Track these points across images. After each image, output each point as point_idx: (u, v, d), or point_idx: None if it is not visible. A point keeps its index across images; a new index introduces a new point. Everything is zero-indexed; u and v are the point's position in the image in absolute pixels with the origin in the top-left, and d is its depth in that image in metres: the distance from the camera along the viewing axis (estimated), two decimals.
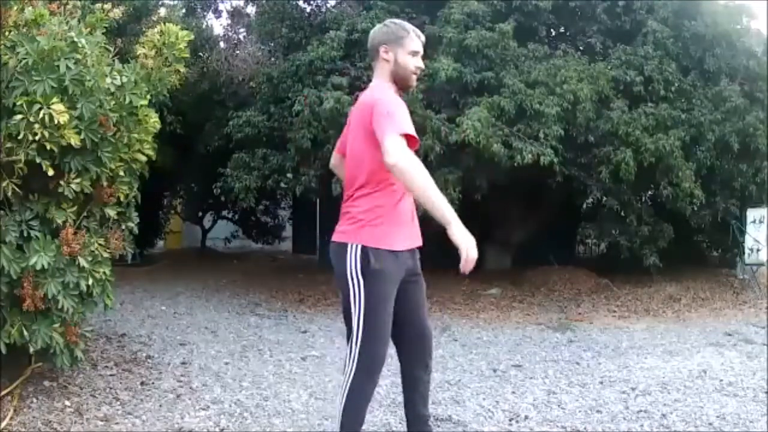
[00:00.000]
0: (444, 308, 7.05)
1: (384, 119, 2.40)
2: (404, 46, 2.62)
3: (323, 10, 9.12)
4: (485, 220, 8.70)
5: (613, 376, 4.41)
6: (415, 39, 2.63)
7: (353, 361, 2.50)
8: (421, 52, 2.66)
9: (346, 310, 2.54)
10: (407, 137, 2.39)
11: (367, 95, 2.60)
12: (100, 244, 3.43)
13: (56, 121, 3.00)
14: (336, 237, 2.56)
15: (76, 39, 3.18)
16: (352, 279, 2.48)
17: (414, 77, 2.66)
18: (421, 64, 2.67)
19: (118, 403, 3.60)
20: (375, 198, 2.50)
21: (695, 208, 7.44)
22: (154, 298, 7.49)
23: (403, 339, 2.67)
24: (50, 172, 3.13)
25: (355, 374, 2.50)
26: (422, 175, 2.34)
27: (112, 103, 3.36)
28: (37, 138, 3.00)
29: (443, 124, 6.74)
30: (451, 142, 6.64)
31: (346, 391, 2.51)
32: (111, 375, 4.07)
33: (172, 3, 9.16)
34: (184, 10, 9.34)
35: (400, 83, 2.64)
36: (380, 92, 2.56)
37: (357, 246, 2.48)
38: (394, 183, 2.49)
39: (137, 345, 5.00)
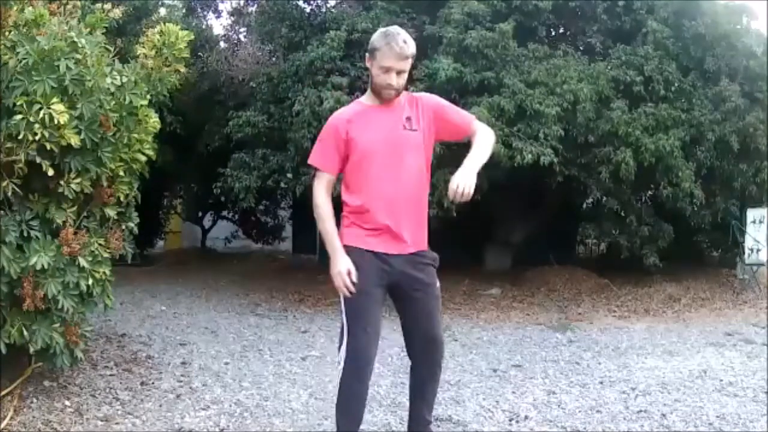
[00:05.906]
0: (444, 308, 6.96)
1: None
2: (376, 59, 2.54)
3: (323, 10, 9.09)
4: (485, 220, 8.70)
5: (613, 376, 4.41)
6: (387, 54, 2.48)
7: (341, 359, 2.57)
8: (396, 67, 2.50)
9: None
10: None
11: None
12: (100, 244, 3.43)
13: (56, 121, 3.00)
14: None
15: (76, 39, 3.18)
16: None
17: (386, 92, 2.55)
18: (392, 81, 2.51)
19: (118, 403, 3.60)
20: (349, 201, 2.63)
21: (695, 208, 7.43)
22: (154, 298, 7.48)
23: (412, 346, 2.73)
24: (50, 172, 3.13)
25: (343, 372, 2.56)
26: (318, 213, 2.59)
27: (112, 103, 3.36)
28: (37, 138, 3.00)
29: None
30: (451, 142, 6.63)
31: (338, 390, 2.59)
32: (111, 375, 4.07)
33: (172, 3, 9.15)
34: (184, 10, 9.34)
35: (378, 95, 2.62)
36: (341, 109, 2.79)
37: None
38: (361, 190, 2.60)
39: (137, 345, 5.00)
